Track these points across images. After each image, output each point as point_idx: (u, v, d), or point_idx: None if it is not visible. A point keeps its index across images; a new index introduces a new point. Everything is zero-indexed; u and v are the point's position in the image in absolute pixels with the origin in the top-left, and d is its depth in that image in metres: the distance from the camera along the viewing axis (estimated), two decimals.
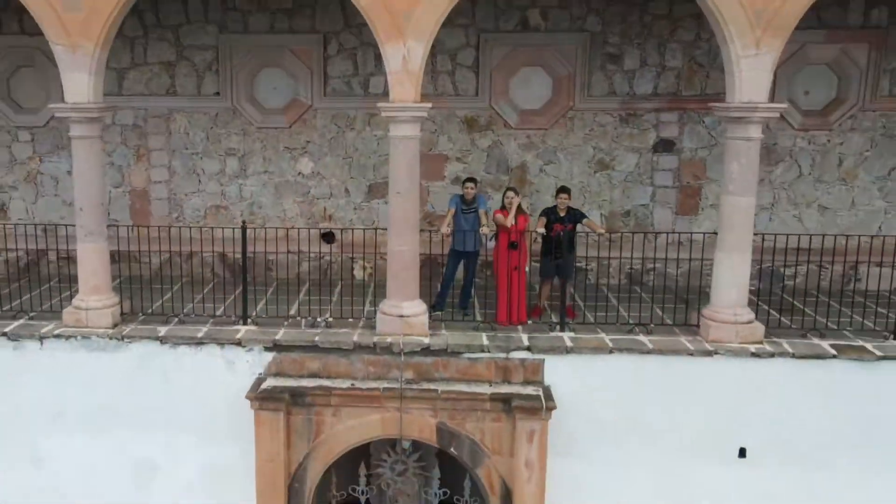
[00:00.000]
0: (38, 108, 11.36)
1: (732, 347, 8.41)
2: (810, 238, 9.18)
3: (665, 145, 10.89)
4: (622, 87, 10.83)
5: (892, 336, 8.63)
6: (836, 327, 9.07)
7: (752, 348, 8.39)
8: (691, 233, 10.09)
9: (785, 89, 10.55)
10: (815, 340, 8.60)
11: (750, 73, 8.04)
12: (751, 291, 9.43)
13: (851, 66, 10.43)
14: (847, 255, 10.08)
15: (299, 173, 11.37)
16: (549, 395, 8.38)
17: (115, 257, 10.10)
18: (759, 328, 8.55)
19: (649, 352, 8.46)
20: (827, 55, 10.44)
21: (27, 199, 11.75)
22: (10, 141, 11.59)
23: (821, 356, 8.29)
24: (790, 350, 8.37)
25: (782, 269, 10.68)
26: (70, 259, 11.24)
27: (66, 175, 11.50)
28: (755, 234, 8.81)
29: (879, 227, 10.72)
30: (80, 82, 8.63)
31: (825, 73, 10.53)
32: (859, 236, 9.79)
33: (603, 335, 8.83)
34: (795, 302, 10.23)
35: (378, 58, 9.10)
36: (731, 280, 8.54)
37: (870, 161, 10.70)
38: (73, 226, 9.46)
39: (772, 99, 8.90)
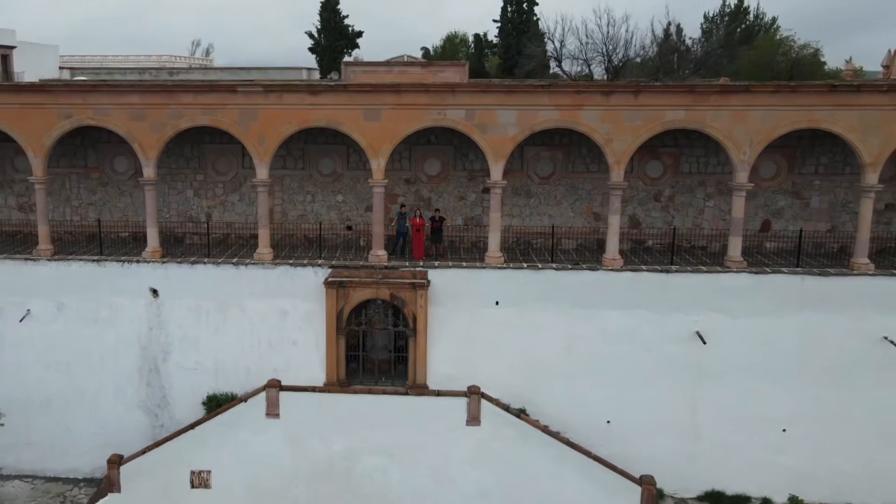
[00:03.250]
0: (227, 173, 27.14)
1: (494, 265, 24.10)
2: (549, 229, 24.96)
3: (487, 190, 26.56)
4: (469, 166, 26.56)
5: (549, 260, 24.36)
6: (536, 260, 24.81)
7: (499, 265, 24.10)
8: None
9: (532, 167, 26.27)
10: (523, 263, 24.32)
11: (494, 171, 23.75)
12: (519, 250, 25.26)
13: (557, 159, 26.18)
14: (556, 235, 25.76)
15: (337, 201, 27.11)
16: (428, 281, 23.99)
17: None
18: (502, 258, 24.25)
19: (463, 268, 24.16)
20: (548, 155, 26.19)
21: (220, 211, 27.47)
22: (213, 187, 27.34)
23: (521, 269, 24.01)
24: (512, 266, 24.09)
25: (534, 241, 26.43)
26: (240, 236, 27.08)
27: (237, 202, 27.33)
28: (525, 225, 24.69)
29: (571, 224, 26.38)
30: (262, 172, 24.39)
31: (548, 161, 26.25)
32: (560, 228, 25.45)
33: (449, 262, 24.56)
34: (535, 255, 25.89)
35: None
36: (493, 240, 24.29)
37: (567, 196, 26.44)
38: (240, 224, 25.31)
39: (526, 172, 24.89)
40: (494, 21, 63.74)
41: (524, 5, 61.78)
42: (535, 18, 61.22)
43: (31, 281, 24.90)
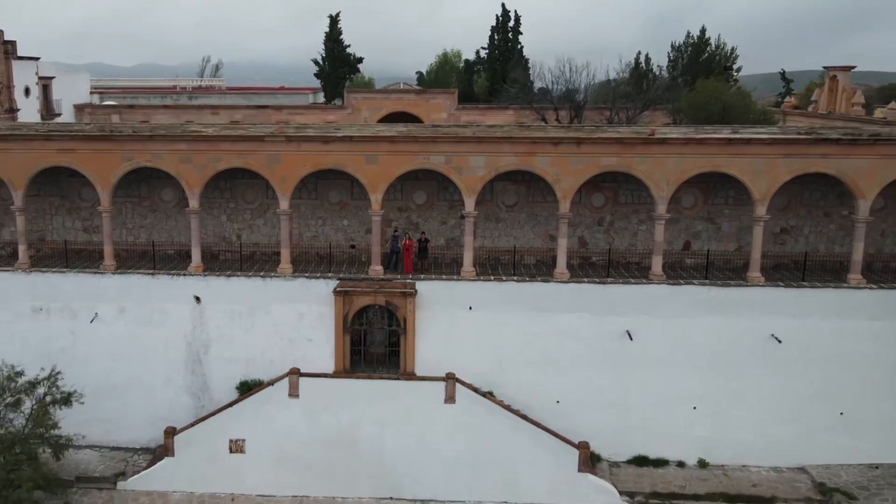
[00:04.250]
0: (254, 202, 33.49)
1: (468, 278, 30.44)
2: (513, 248, 31.37)
3: (464, 217, 32.81)
4: (450, 197, 32.86)
5: (513, 274, 30.67)
6: (502, 273, 31.14)
7: (471, 278, 30.44)
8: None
9: (500, 198, 32.60)
10: (490, 276, 30.65)
11: (468, 203, 30.09)
12: (489, 265, 31.67)
13: (521, 191, 32.50)
14: (519, 253, 32.10)
15: (343, 224, 33.45)
16: (416, 290, 30.32)
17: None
18: (474, 273, 30.59)
19: (444, 280, 30.52)
20: (513, 188, 32.50)
21: (248, 233, 33.80)
22: (242, 213, 33.67)
23: (489, 281, 30.36)
24: (482, 279, 30.43)
25: (501, 258, 32.76)
26: (264, 253, 33.46)
27: (262, 226, 33.69)
28: (495, 245, 31.02)
29: (531, 244, 32.69)
30: (284, 204, 30.77)
31: (513, 193, 32.57)
32: (522, 247, 31.82)
33: (433, 275, 30.92)
34: (502, 270, 32.19)
35: None
36: (467, 258, 30.64)
37: (528, 221, 32.76)
38: (264, 243, 31.67)
39: (495, 202, 31.29)
40: (483, 48, 70.13)
41: (510, 34, 68.14)
42: (519, 47, 67.66)
43: (98, 290, 31.26)
